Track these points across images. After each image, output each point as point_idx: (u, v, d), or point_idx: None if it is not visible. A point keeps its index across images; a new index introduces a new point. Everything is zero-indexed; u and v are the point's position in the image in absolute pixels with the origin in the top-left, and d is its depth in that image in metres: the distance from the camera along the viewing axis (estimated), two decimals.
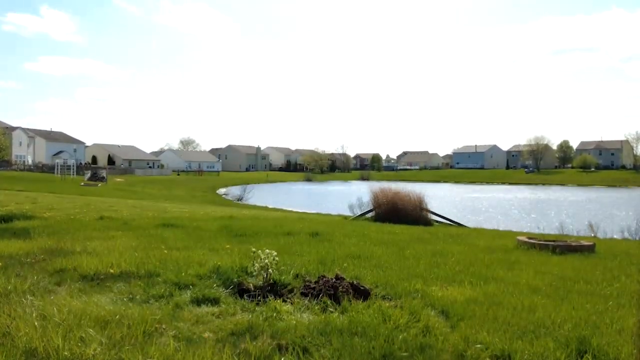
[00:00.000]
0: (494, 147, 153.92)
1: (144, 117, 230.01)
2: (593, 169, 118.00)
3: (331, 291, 4.73)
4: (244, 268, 5.58)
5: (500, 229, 17.67)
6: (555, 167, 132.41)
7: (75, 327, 3.68)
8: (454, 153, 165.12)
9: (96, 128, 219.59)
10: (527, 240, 9.19)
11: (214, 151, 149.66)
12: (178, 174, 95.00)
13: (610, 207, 39.07)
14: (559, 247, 8.48)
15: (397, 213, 16.81)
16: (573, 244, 8.86)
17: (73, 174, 60.09)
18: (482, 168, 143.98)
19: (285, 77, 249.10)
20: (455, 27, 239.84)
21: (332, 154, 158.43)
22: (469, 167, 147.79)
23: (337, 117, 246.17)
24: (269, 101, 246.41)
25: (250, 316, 4.15)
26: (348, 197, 32.00)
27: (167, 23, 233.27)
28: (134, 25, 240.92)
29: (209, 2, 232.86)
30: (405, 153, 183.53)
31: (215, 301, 4.58)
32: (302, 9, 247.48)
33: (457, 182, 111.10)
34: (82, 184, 46.30)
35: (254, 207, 34.25)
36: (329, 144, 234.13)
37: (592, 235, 15.61)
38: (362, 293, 4.83)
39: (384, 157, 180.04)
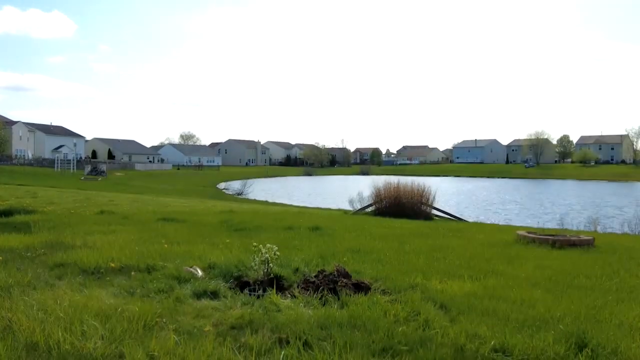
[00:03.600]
0: (494, 142, 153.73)
1: (144, 111, 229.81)
2: (593, 164, 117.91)
3: (331, 285, 4.74)
4: (244, 262, 5.59)
5: (500, 223, 17.69)
6: (555, 162, 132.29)
7: (76, 321, 3.69)
8: (453, 147, 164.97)
9: (96, 122, 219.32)
10: (526, 234, 9.20)
11: (214, 145, 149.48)
12: (178, 169, 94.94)
13: None
14: (559, 241, 8.48)
15: (398, 207, 16.82)
16: (572, 238, 8.86)
17: (73, 168, 60.05)
18: (482, 163, 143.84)
19: (285, 72, 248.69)
20: (455, 21, 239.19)
21: (332, 148, 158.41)
22: (469, 161, 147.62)
23: (337, 112, 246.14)
24: (269, 95, 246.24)
25: (250, 310, 4.16)
26: (348, 191, 31.99)
27: (167, 17, 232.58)
28: (134, 18, 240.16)
29: None
30: (405, 147, 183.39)
31: (215, 295, 4.60)
32: (302, 4, 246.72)
33: (457, 176, 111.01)
34: (82, 178, 46.34)
35: (254, 201, 34.26)
36: (328, 139, 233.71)
37: (592, 229, 15.63)
38: (362, 287, 4.84)
39: (383, 152, 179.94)
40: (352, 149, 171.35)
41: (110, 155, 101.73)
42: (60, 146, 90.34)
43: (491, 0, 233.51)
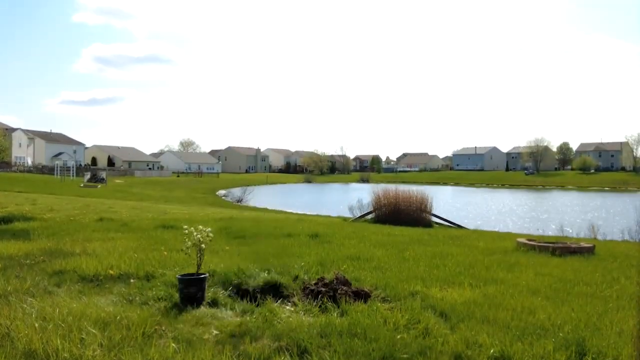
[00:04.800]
0: (494, 149, 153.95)
1: (144, 118, 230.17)
2: (593, 171, 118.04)
3: (331, 293, 4.73)
4: (244, 270, 5.58)
5: (500, 230, 17.67)
6: (555, 169, 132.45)
7: (74, 328, 3.67)
8: (453, 155, 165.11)
9: (96, 129, 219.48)
10: (526, 242, 9.18)
11: (213, 152, 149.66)
12: (178, 176, 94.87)
13: None
14: (559, 248, 8.47)
15: (398, 215, 16.81)
16: (572, 245, 8.84)
17: (72, 176, 60.04)
18: (481, 170, 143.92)
19: (285, 78, 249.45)
20: (455, 27, 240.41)
21: (332, 155, 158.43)
22: (469, 168, 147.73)
23: (337, 119, 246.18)
24: (268, 102, 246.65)
25: (250, 318, 4.15)
26: (348, 198, 31.98)
27: (166, 24, 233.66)
28: (135, 25, 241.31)
29: (207, 2, 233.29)
30: (405, 155, 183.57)
31: (215, 303, 4.58)
32: (301, 9, 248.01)
33: (456, 184, 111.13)
34: (82, 185, 46.29)
35: (254, 208, 34.20)
36: (328, 146, 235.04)
37: (592, 236, 15.60)
38: (362, 295, 4.83)
39: (383, 159, 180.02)
40: (351, 156, 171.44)
41: (110, 163, 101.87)
42: (60, 153, 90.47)
43: (490, 7, 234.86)
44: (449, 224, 18.05)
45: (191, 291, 4.51)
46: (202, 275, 4.68)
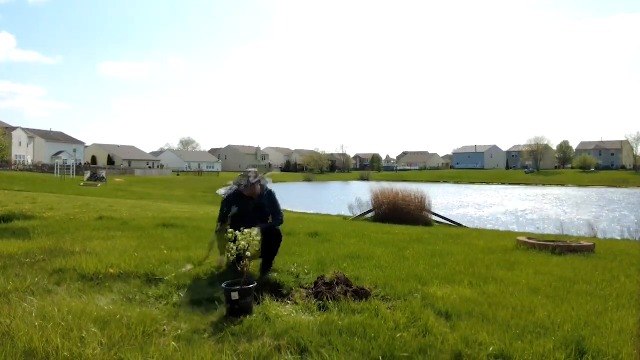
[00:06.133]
0: (494, 148, 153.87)
1: (144, 117, 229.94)
2: (593, 170, 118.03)
3: (331, 291, 4.73)
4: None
5: (501, 229, 17.67)
6: (555, 168, 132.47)
7: (75, 327, 3.68)
8: (453, 153, 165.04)
9: (96, 128, 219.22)
10: (527, 240, 9.18)
11: (213, 151, 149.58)
12: (178, 174, 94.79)
13: None
14: (559, 247, 8.46)
15: (398, 213, 16.84)
16: (573, 244, 8.84)
17: (72, 174, 60.05)
18: (482, 168, 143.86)
19: (285, 77, 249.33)
20: (455, 26, 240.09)
21: (332, 154, 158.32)
22: (469, 167, 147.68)
23: (337, 117, 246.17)
24: (269, 101, 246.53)
25: (249, 316, 4.15)
26: (348, 197, 31.98)
27: (166, 21, 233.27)
28: (134, 24, 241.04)
29: (207, 2, 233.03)
30: (405, 153, 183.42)
31: (215, 301, 4.58)
32: (302, 8, 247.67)
33: (457, 182, 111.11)
34: (82, 184, 46.31)
35: None
36: (328, 145, 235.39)
37: (592, 235, 15.60)
38: (362, 293, 4.83)
39: (383, 158, 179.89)
40: (352, 155, 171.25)
41: (110, 161, 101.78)
42: (60, 152, 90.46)
43: (491, 6, 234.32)
44: (449, 223, 18.06)
45: (248, 301, 4.26)
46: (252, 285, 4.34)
